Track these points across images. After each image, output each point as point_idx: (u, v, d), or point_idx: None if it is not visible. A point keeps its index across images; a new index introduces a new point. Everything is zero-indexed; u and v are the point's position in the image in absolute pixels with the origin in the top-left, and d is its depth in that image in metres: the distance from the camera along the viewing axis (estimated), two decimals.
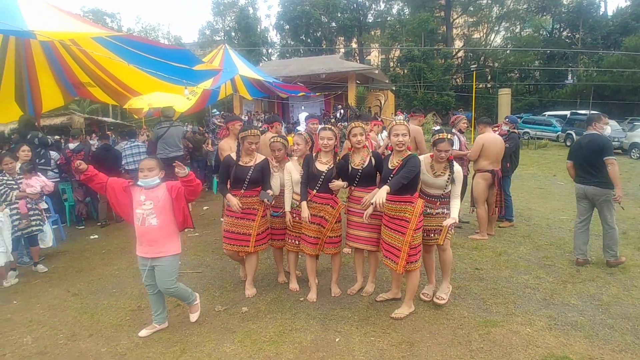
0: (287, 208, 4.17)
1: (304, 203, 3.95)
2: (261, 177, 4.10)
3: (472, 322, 3.59)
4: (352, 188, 3.97)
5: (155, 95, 8.03)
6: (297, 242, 4.23)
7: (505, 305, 3.90)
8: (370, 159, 3.89)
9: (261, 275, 4.69)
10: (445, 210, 3.78)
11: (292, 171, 4.16)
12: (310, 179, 3.95)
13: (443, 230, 3.70)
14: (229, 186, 4.18)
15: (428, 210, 3.78)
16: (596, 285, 4.31)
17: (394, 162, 3.66)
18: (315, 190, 3.93)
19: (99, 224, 7.41)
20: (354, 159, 3.93)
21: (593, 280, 4.43)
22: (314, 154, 4.09)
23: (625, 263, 4.79)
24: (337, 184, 3.92)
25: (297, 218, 4.16)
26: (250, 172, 4.03)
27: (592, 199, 4.85)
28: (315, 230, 3.97)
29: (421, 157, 3.78)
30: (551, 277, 4.53)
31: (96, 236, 6.84)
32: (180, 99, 8.11)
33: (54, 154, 7.06)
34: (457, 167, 3.71)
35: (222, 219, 4.63)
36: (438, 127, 13.95)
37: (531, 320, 3.61)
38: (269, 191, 4.07)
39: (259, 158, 4.15)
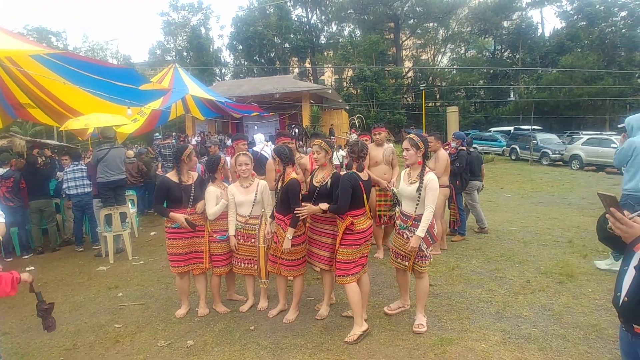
0: (231, 232, 4.07)
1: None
2: (201, 192, 4.14)
3: (427, 342, 3.51)
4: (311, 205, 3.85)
5: (94, 116, 7.61)
6: (243, 265, 4.17)
7: (460, 321, 3.86)
8: (330, 178, 3.78)
9: (209, 304, 4.39)
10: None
11: (235, 193, 4.08)
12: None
13: (411, 256, 3.67)
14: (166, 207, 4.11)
15: (402, 227, 3.72)
16: (546, 295, 4.37)
17: (318, 177, 3.86)
18: (275, 209, 4.00)
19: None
20: (317, 176, 3.89)
21: (543, 290, 4.50)
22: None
23: (573, 271, 4.92)
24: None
25: (241, 240, 4.09)
26: (193, 189, 4.08)
27: (478, 190, 7.01)
28: (274, 247, 3.96)
29: (403, 173, 3.86)
30: (503, 289, 4.56)
31: (32, 268, 6.24)
32: (122, 119, 7.74)
33: None
34: (429, 175, 3.57)
35: None
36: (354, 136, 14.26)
37: (485, 335, 3.58)
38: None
39: (195, 175, 4.23)
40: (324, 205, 3.63)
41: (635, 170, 4.64)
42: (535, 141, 19.62)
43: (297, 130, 22.56)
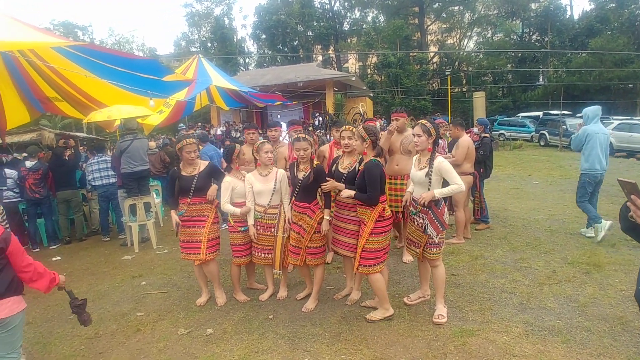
0: (250, 221, 4.06)
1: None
2: (209, 182, 4.13)
3: (447, 333, 3.44)
4: (337, 192, 3.87)
5: (116, 107, 7.75)
6: (262, 255, 4.16)
7: (482, 312, 3.77)
8: (357, 165, 3.78)
9: (229, 294, 4.45)
10: (423, 222, 3.59)
11: (253, 182, 4.04)
12: (292, 187, 3.99)
13: (422, 243, 3.63)
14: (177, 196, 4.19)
15: (413, 212, 3.68)
16: (572, 285, 4.22)
17: (344, 164, 3.82)
18: (294, 198, 3.93)
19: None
20: (343, 162, 3.87)
21: (569, 280, 4.34)
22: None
23: (601, 261, 4.74)
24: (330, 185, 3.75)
25: (260, 230, 4.08)
26: (195, 180, 4.07)
27: None
28: (295, 238, 3.94)
29: (414, 159, 3.82)
30: (527, 279, 4.43)
31: (59, 258, 6.50)
32: (144, 111, 7.85)
33: (10, 172, 6.71)
34: (438, 159, 3.52)
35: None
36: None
37: (508, 327, 3.48)
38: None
39: (203, 165, 4.21)
40: (349, 192, 3.58)
41: (588, 153, 5.59)
42: (564, 126, 18.89)
43: (320, 119, 22.50)
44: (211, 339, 3.60)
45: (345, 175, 3.76)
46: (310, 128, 19.24)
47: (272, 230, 4.08)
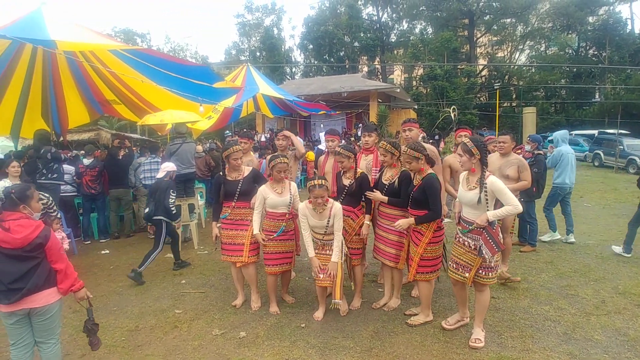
0: (311, 254, 3.91)
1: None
2: (253, 187, 4.23)
3: (484, 358, 3.32)
4: (380, 202, 4.07)
5: (169, 112, 8.10)
6: (322, 276, 3.93)
7: (522, 339, 3.61)
8: (398, 177, 3.94)
9: (264, 298, 4.50)
10: (477, 242, 3.41)
11: (308, 216, 3.87)
12: (338, 192, 4.20)
13: (473, 267, 3.43)
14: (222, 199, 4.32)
15: (464, 231, 3.49)
16: (623, 318, 3.97)
17: (387, 175, 4.03)
18: (340, 202, 4.06)
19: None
20: (386, 174, 4.05)
21: (619, 312, 4.09)
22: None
23: None
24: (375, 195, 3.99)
25: (316, 250, 3.97)
26: (240, 185, 4.22)
27: None
28: None
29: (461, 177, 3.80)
30: (574, 308, 4.21)
31: (107, 251, 6.83)
32: (194, 116, 8.15)
33: (68, 168, 7.15)
34: (490, 179, 3.34)
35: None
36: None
37: (549, 357, 3.32)
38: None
39: (247, 170, 4.33)
40: (410, 220, 3.69)
41: (562, 170, 6.57)
42: (621, 147, 17.80)
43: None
44: (243, 342, 3.66)
45: (387, 186, 3.95)
46: (352, 138, 19.24)
47: (328, 251, 3.90)
